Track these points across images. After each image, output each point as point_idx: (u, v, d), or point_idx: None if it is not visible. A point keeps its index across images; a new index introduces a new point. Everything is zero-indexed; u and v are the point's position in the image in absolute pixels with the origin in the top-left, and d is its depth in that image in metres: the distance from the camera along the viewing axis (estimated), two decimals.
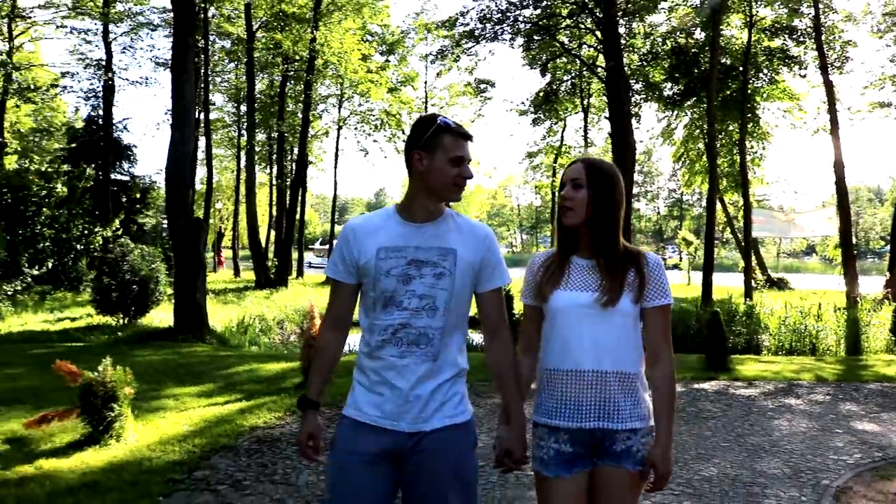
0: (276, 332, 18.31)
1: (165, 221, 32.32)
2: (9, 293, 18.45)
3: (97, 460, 5.14)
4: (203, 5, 21.14)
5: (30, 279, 20.15)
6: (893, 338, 13.29)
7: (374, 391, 2.30)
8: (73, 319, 16.03)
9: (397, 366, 2.28)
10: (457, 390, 2.35)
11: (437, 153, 2.30)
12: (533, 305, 2.51)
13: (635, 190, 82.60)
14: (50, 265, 22.17)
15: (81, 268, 23.24)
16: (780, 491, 4.70)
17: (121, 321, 14.73)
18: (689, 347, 13.17)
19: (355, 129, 34.72)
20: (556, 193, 3.35)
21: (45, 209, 22.56)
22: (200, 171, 33.22)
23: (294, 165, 33.52)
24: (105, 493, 4.49)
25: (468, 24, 23.56)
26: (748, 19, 24.20)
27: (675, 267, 48.50)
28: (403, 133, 33.78)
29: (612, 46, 17.15)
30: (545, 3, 22.68)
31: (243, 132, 32.42)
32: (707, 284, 20.65)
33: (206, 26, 25.76)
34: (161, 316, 15.76)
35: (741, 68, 24.78)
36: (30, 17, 26.10)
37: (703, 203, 35.55)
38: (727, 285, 24.60)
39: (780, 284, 31.19)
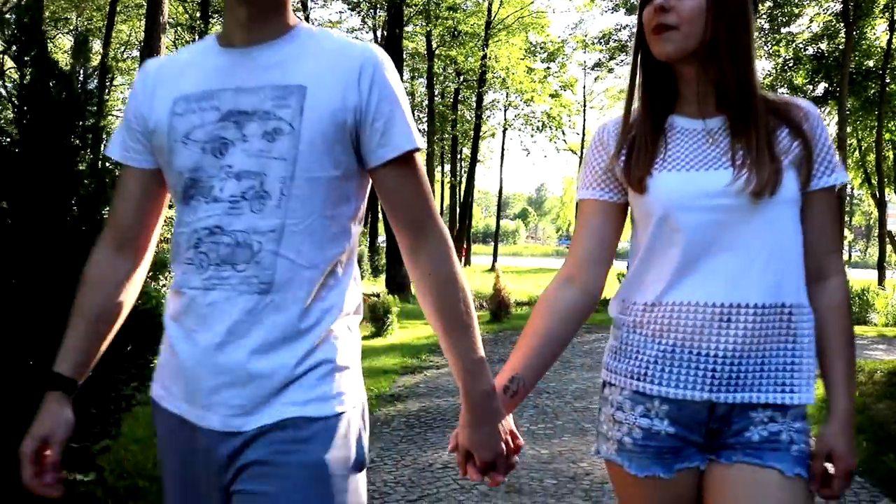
0: None
1: None
2: None
3: (382, 344, 9.34)
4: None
5: None
6: None
7: (175, 352, 1.27)
8: None
9: (200, 307, 1.22)
10: (322, 357, 1.23)
11: None
12: (608, 200, 1.48)
13: None
14: None
15: None
16: None
17: None
18: None
19: (519, 130, 38.41)
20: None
21: None
22: None
23: (462, 165, 37.92)
24: (395, 350, 8.69)
25: (621, 40, 26.71)
26: (890, 23, 25.78)
27: None
28: (564, 134, 37.36)
29: None
30: None
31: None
32: None
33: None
34: (365, 290, 20.41)
35: (881, 71, 26.38)
36: None
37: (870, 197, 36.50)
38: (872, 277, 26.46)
39: None
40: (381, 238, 29.61)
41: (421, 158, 1.29)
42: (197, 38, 22.55)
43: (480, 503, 3.77)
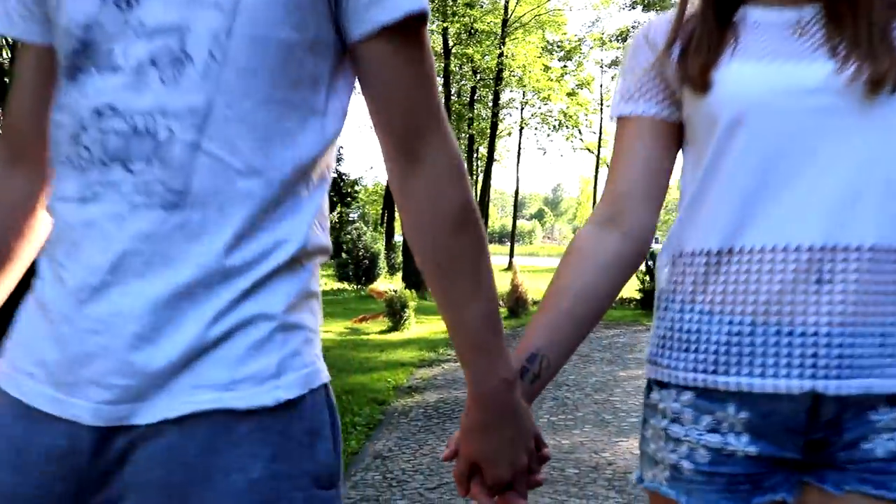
0: None
1: (357, 212, 38.15)
2: None
3: (399, 337, 9.28)
4: None
5: None
6: None
7: (37, 303, 0.82)
8: None
9: (72, 228, 0.78)
10: (257, 310, 0.78)
11: None
12: (656, 117, 1.08)
13: None
14: None
15: None
16: None
17: (354, 287, 19.36)
18: None
19: (535, 129, 38.25)
20: None
21: None
22: None
23: (479, 164, 37.84)
24: (412, 344, 8.63)
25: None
26: None
27: None
28: (581, 133, 37.23)
29: None
30: None
31: None
32: None
33: None
34: (382, 286, 20.39)
35: None
36: None
37: None
38: None
39: None
40: (398, 237, 29.65)
41: (428, 34, 0.85)
42: None
43: None
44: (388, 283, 20.50)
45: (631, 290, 13.57)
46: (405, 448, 4.48)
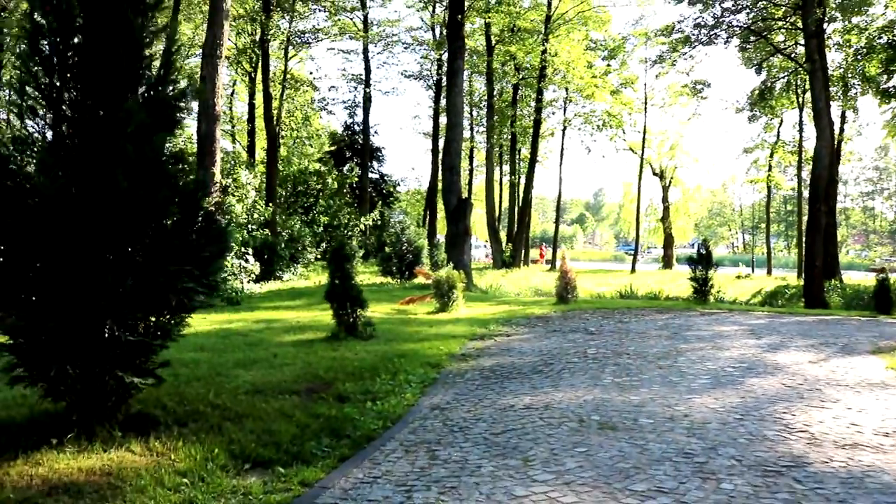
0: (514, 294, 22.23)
1: (398, 215, 37.97)
2: (305, 263, 24.08)
3: (447, 318, 9.03)
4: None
5: (312, 256, 25.64)
6: None
7: None
8: (361, 280, 20.86)
9: None
10: None
11: None
12: None
13: (868, 188, 78.91)
14: (325, 245, 27.93)
15: (353, 247, 28.82)
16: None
17: (397, 280, 19.20)
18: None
19: (579, 129, 37.79)
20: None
21: (321, 200, 28.53)
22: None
23: (521, 165, 37.48)
24: (462, 323, 8.38)
25: (684, 31, 26.05)
26: None
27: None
28: (624, 132, 36.70)
29: (811, 51, 19.10)
30: (759, 6, 24.63)
31: (474, 134, 37.07)
32: None
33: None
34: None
35: None
36: (305, 43, 31.70)
37: None
38: None
39: None
40: (440, 236, 29.50)
41: None
42: (259, 30, 22.72)
43: (571, 437, 3.42)
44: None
45: (680, 290, 13.13)
46: (464, 401, 4.27)
